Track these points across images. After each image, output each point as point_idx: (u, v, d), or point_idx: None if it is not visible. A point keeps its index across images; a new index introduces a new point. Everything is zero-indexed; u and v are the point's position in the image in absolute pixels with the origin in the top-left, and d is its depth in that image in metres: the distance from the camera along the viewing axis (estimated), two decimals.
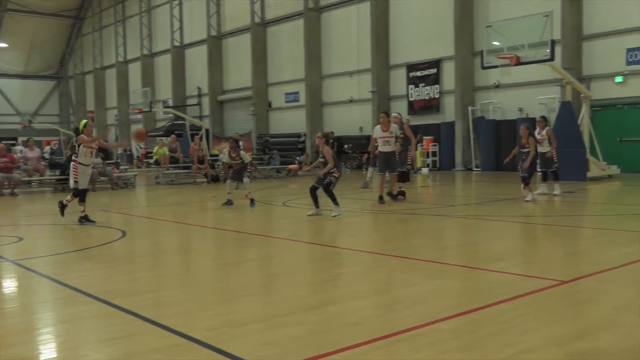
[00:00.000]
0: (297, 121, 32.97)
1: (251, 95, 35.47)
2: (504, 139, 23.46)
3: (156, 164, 23.08)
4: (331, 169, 10.34)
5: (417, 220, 10.69)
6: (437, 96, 26.70)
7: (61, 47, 56.32)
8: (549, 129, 13.72)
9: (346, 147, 29.81)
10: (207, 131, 32.03)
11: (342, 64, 30.74)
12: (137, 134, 12.03)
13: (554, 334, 4.04)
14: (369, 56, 28.66)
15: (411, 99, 27.68)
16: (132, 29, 47.49)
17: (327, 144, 10.56)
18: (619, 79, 20.91)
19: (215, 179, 21.53)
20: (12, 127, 46.50)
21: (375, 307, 4.98)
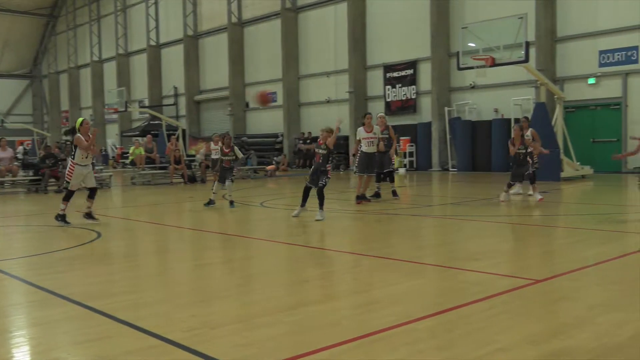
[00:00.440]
0: (274, 121, 32.92)
1: (228, 95, 35.34)
2: (480, 140, 23.73)
3: (132, 164, 22.86)
4: (327, 170, 10.20)
5: (395, 220, 10.74)
6: (413, 97, 26.86)
7: (35, 45, 55.48)
8: (533, 130, 13.89)
9: None
10: (183, 131, 31.83)
11: (320, 64, 30.77)
12: (260, 97, 10.75)
13: (529, 333, 4.08)
14: (346, 57, 28.73)
15: (388, 100, 27.80)
16: (107, 28, 46.99)
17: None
18: (591, 81, 21.24)
19: (192, 180, 21.38)
20: None
21: (352, 307, 4.98)
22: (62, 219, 10.22)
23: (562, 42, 21.98)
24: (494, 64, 16.66)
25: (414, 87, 26.78)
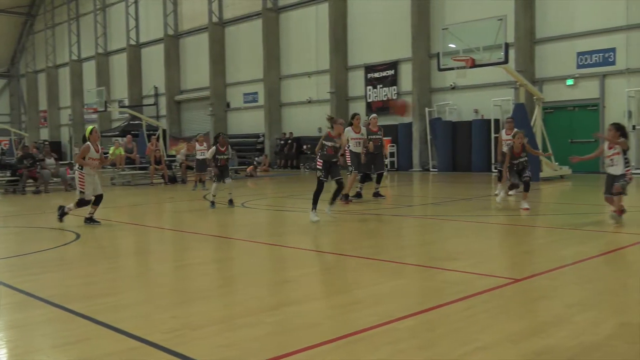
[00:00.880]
0: (255, 122, 32.83)
1: (209, 95, 35.16)
2: (460, 140, 23.89)
3: (112, 164, 22.66)
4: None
5: (376, 220, 10.77)
6: (394, 97, 26.94)
7: (12, 44, 54.70)
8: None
9: (305, 147, 29.85)
10: (164, 131, 31.62)
11: (301, 64, 30.75)
12: (399, 106, 9.54)
13: (509, 331, 4.12)
14: (328, 57, 28.76)
15: (369, 100, 27.87)
16: (86, 27, 46.50)
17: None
18: (570, 82, 21.49)
19: (172, 180, 21.26)
20: None
21: (334, 307, 4.99)
22: (91, 220, 10.20)
23: (541, 43, 22.22)
24: (474, 65, 16.79)
25: (395, 87, 26.88)
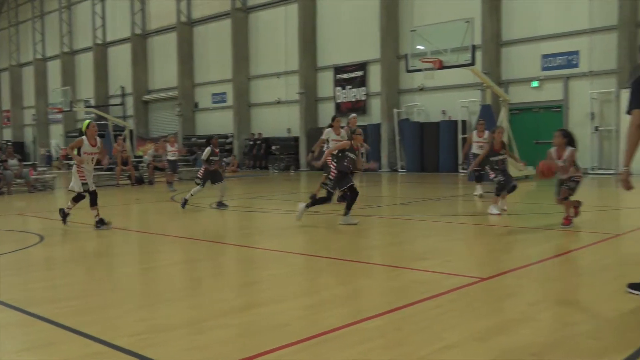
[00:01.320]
0: (224, 122, 32.64)
1: (177, 95, 34.84)
2: (428, 141, 24.11)
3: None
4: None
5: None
6: (363, 98, 27.08)
7: None
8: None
9: (274, 148, 29.79)
10: (131, 132, 31.25)
11: (270, 65, 30.68)
12: (544, 170, 8.79)
13: (475, 329, 4.17)
14: (297, 58, 28.76)
15: (338, 101, 27.95)
16: (51, 25, 45.65)
17: None
18: (535, 84, 21.88)
19: (139, 181, 21.00)
20: None
21: (302, 308, 4.98)
22: (101, 223, 9.83)
23: (507, 46, 22.57)
24: (442, 66, 16.97)
25: (363, 88, 27.01)
